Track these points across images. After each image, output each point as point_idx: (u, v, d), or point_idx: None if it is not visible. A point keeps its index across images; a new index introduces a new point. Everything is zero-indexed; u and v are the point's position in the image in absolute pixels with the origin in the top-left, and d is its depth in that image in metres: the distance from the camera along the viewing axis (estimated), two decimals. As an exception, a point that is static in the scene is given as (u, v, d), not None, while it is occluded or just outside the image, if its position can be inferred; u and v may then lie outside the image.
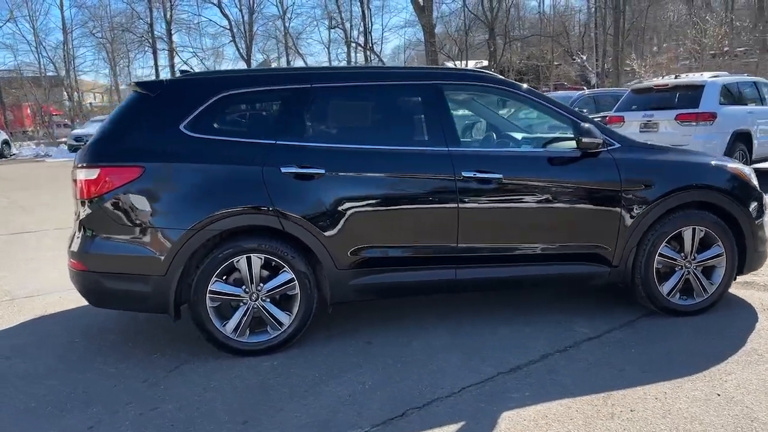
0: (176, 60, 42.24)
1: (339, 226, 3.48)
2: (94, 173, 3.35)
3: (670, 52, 35.06)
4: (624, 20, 37.05)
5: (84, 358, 3.60)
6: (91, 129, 25.14)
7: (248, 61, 40.00)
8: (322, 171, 3.46)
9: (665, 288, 3.88)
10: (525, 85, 3.96)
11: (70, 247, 3.55)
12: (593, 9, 41.53)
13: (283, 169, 3.43)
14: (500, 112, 4.70)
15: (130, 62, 45.68)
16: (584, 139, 3.61)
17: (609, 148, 3.77)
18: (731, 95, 9.26)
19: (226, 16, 39.26)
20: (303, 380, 3.21)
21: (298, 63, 44.00)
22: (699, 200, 3.86)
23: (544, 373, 3.22)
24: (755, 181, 4.05)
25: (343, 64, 41.56)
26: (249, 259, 3.42)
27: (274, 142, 3.48)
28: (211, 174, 3.40)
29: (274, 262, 3.46)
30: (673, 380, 3.07)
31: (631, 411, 2.80)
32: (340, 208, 3.47)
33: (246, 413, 2.88)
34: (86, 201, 3.40)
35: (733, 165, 4.05)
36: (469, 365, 3.32)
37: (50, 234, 7.53)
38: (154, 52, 41.84)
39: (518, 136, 4.24)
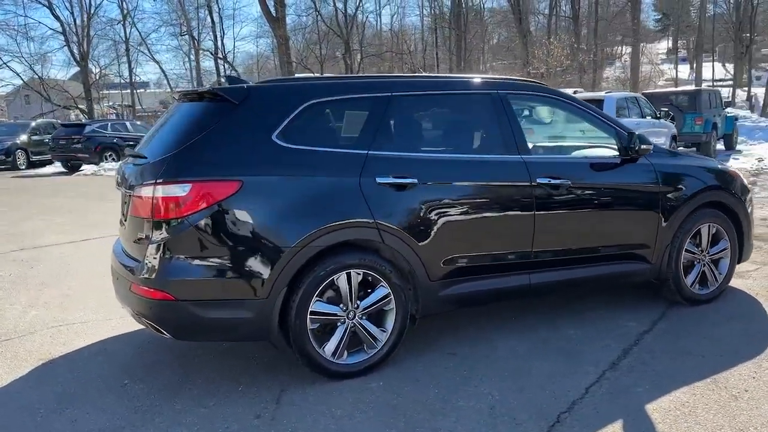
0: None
1: (432, 236, 3.40)
2: (181, 189, 2.94)
3: (496, 70, 38.21)
4: (465, 40, 39.71)
5: (156, 402, 3.12)
6: None
7: (85, 67, 36.66)
8: (415, 181, 3.36)
9: (689, 280, 4.30)
10: (577, 96, 4.18)
11: (137, 275, 3.08)
12: (433, 28, 43.89)
13: (379, 180, 3.28)
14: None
15: (-67, 67, 39.79)
16: (643, 146, 3.90)
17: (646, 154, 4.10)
18: (622, 108, 10.41)
19: (57, 18, 35.64)
20: (427, 397, 3.09)
21: (146, 69, 41.23)
22: (713, 200, 4.33)
23: (640, 365, 3.41)
24: (746, 181, 4.64)
25: (194, 73, 39.71)
26: (348, 276, 3.23)
27: (366, 152, 3.32)
28: (311, 186, 3.15)
29: (371, 277, 3.30)
30: (750, 360, 3.42)
31: (746, 391, 3.08)
32: (432, 218, 3.40)
33: (405, 437, 2.72)
34: (166, 221, 2.98)
35: (732, 169, 4.61)
36: (570, 367, 3.40)
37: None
38: (-34, 56, 36.84)
39: (566, 143, 4.45)
